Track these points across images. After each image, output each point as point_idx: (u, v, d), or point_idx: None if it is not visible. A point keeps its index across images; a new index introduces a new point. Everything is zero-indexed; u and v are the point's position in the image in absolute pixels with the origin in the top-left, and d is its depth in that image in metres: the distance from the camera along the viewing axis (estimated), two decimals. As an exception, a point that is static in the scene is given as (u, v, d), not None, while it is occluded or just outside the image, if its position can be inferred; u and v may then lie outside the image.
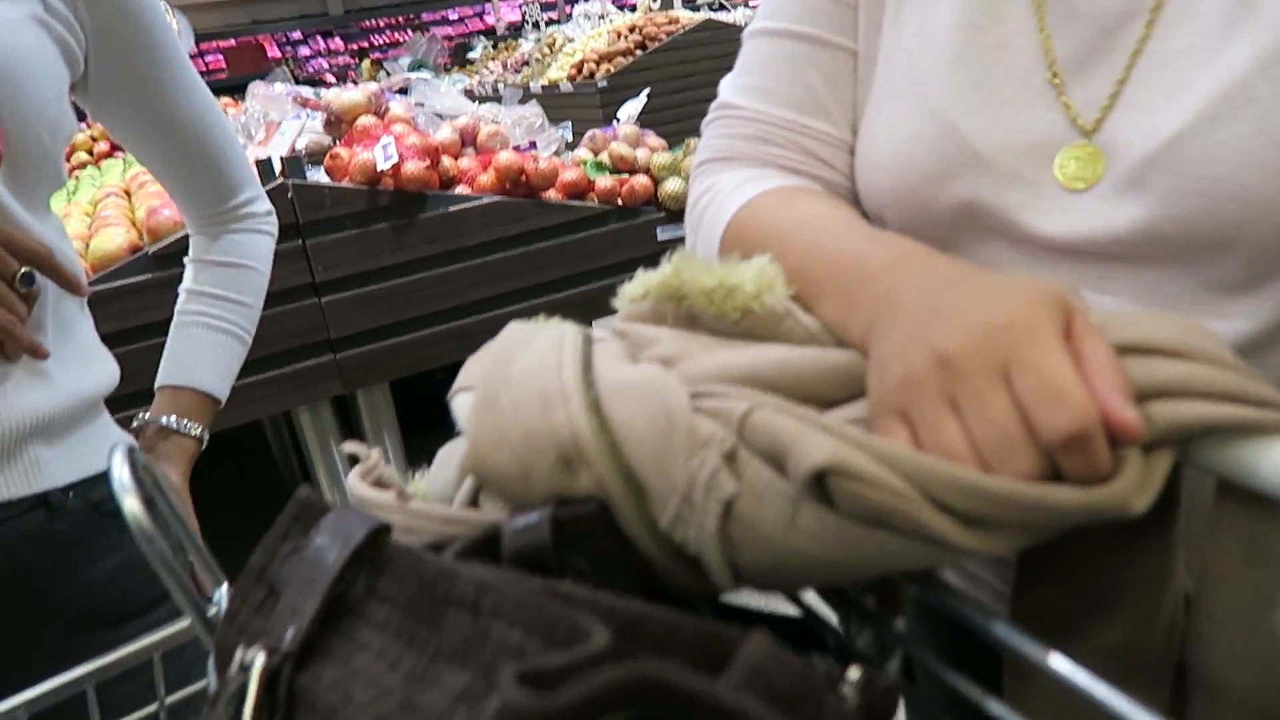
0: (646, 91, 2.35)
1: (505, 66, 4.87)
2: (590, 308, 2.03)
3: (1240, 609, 0.37)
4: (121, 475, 0.39)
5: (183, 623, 0.53)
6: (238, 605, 0.39)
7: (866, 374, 0.41)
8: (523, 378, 0.41)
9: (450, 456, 0.48)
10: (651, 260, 0.47)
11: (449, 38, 8.58)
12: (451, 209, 1.83)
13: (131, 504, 0.38)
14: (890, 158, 0.55)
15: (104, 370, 0.79)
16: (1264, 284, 0.46)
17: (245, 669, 0.34)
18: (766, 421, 0.36)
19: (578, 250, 1.98)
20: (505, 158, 1.86)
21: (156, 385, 0.85)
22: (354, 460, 0.49)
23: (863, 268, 0.44)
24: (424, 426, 1.41)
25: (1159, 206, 0.46)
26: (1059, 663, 0.32)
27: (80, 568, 0.71)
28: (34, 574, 0.70)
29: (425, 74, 4.33)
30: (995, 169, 0.50)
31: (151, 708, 0.54)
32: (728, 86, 0.61)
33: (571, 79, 3.61)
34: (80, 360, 0.76)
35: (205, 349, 0.84)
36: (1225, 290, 0.47)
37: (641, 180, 2.06)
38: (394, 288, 1.82)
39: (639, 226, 2.05)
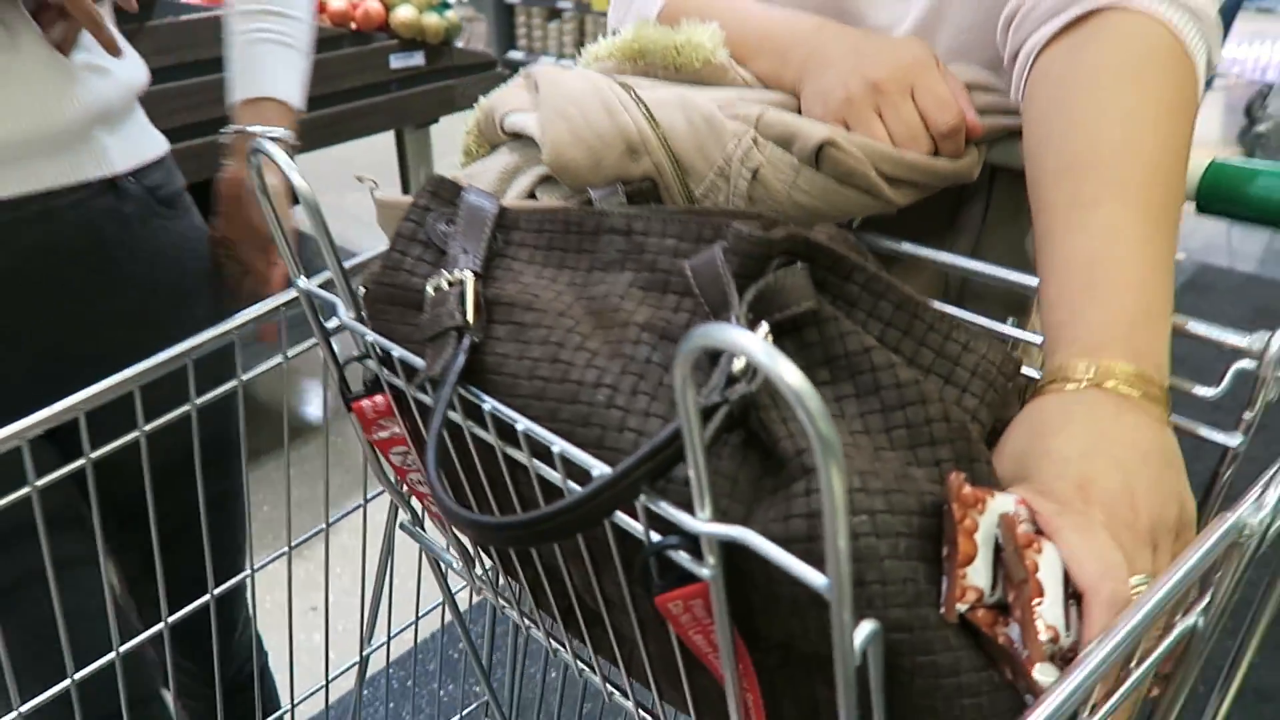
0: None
1: None
2: (327, 133, 2.00)
3: (1006, 240, 0.63)
4: (284, 158, 0.47)
5: (213, 331, 0.61)
6: (400, 257, 0.50)
7: (802, 103, 0.60)
8: (583, 95, 0.56)
9: (482, 173, 0.60)
10: (384, 88, 0.62)
11: None
12: (182, 18, 1.69)
13: (299, 181, 0.47)
14: None
15: (141, 65, 0.84)
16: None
17: (458, 283, 0.46)
18: (777, 116, 0.54)
19: (314, 72, 1.92)
20: (237, -35, 1.74)
21: (234, 101, 0.86)
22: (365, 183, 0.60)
23: (791, 32, 0.63)
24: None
25: (946, 3, 0.67)
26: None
27: (145, 242, 0.79)
28: (110, 247, 0.76)
29: None
30: None
31: (185, 408, 0.62)
32: None
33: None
34: (126, 54, 0.80)
35: (275, 63, 0.86)
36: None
37: (374, 5, 2.03)
38: (111, 103, 1.67)
39: (372, 52, 2.03)
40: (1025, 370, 0.48)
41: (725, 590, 0.38)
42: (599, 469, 0.40)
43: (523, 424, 0.43)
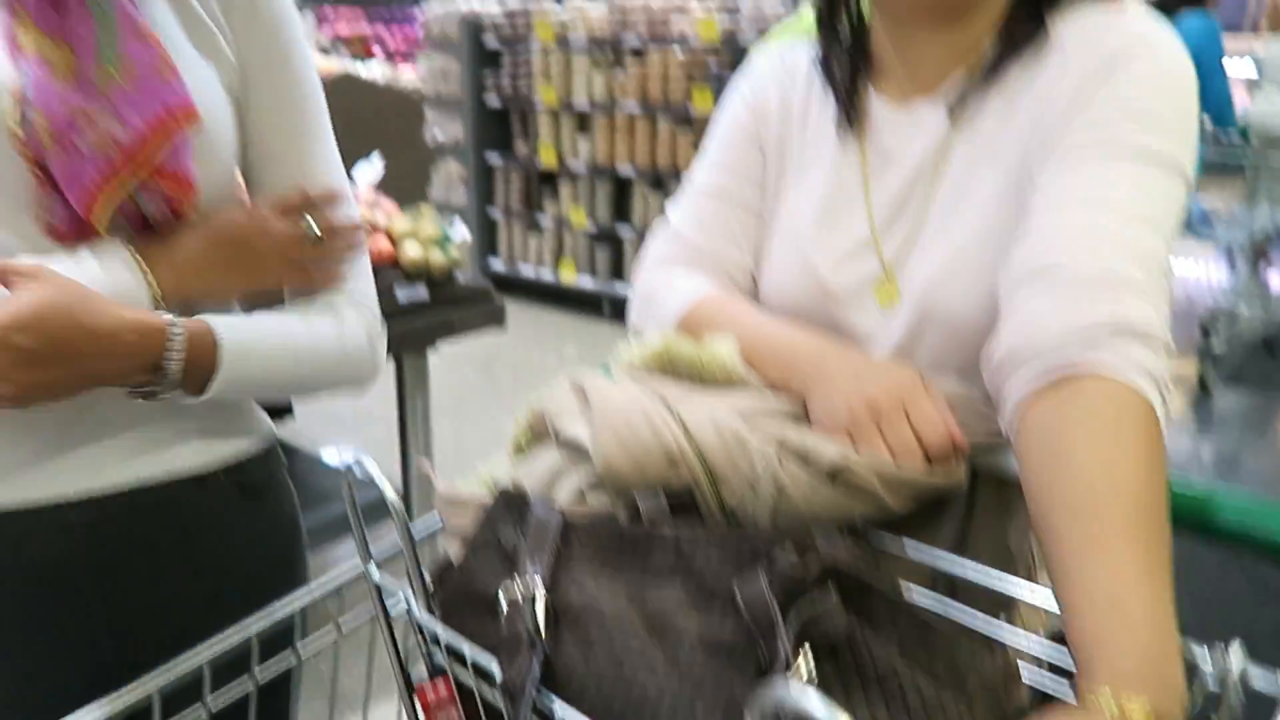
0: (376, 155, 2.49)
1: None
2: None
3: (992, 539, 0.71)
4: (378, 473, 0.55)
5: (278, 612, 0.66)
6: (474, 562, 0.57)
7: (810, 413, 0.70)
8: (628, 411, 0.65)
9: (533, 473, 0.68)
10: (389, 318, 0.79)
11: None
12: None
13: (392, 495, 0.55)
14: (776, 295, 0.85)
15: None
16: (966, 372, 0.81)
17: (529, 593, 0.53)
18: (796, 438, 0.63)
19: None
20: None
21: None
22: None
23: (795, 348, 0.74)
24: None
25: (922, 327, 0.79)
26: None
27: (226, 533, 0.84)
28: (189, 537, 0.82)
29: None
30: (840, 300, 0.81)
31: (246, 685, 0.66)
32: (680, 219, 0.89)
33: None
34: None
35: (255, 321, 0.83)
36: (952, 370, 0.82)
37: (384, 244, 2.19)
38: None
39: (381, 289, 2.17)
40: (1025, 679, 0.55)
41: None
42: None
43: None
